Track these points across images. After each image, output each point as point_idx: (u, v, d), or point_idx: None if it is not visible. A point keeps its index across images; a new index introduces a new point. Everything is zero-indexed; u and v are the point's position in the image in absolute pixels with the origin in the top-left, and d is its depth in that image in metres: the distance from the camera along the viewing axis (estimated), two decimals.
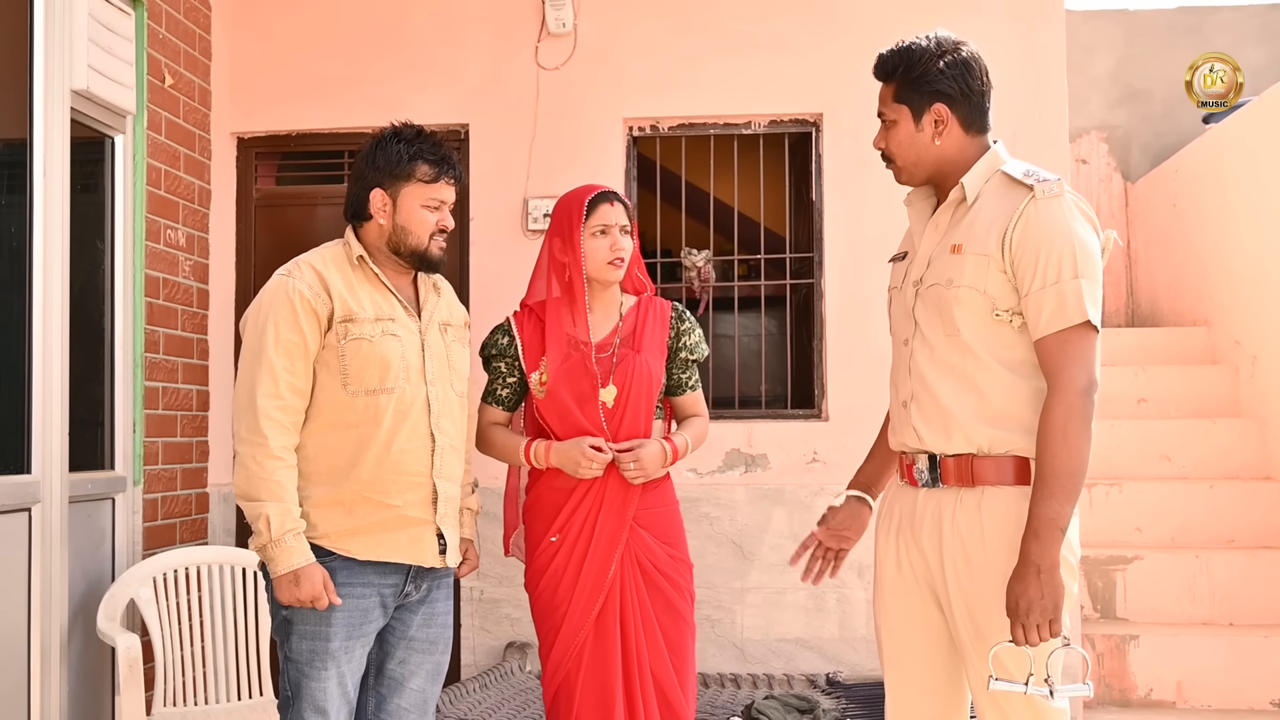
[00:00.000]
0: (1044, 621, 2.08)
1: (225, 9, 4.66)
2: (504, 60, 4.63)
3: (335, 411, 2.55)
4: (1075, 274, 2.15)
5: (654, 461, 2.86)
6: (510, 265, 4.57)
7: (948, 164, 2.33)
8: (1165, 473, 5.38)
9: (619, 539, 2.86)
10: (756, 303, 4.79)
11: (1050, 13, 4.47)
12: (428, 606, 2.68)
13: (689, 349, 3.01)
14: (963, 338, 2.23)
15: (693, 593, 2.98)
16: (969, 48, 2.35)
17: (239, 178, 4.74)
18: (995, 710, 2.22)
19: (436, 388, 2.63)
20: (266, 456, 2.47)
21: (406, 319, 2.64)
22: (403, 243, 2.63)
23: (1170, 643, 4.55)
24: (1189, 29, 7.55)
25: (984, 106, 2.35)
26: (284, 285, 2.56)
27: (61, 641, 3.44)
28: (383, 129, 2.68)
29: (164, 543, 4.14)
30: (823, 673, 4.31)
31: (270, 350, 2.51)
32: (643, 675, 2.84)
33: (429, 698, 2.69)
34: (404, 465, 2.57)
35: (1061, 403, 2.13)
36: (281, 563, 2.46)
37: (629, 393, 2.88)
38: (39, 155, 3.38)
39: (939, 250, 2.31)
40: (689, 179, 4.83)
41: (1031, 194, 2.21)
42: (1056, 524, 2.10)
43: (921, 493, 2.31)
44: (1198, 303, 6.39)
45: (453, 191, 2.68)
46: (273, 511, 2.46)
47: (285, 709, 2.57)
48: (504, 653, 4.44)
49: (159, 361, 4.13)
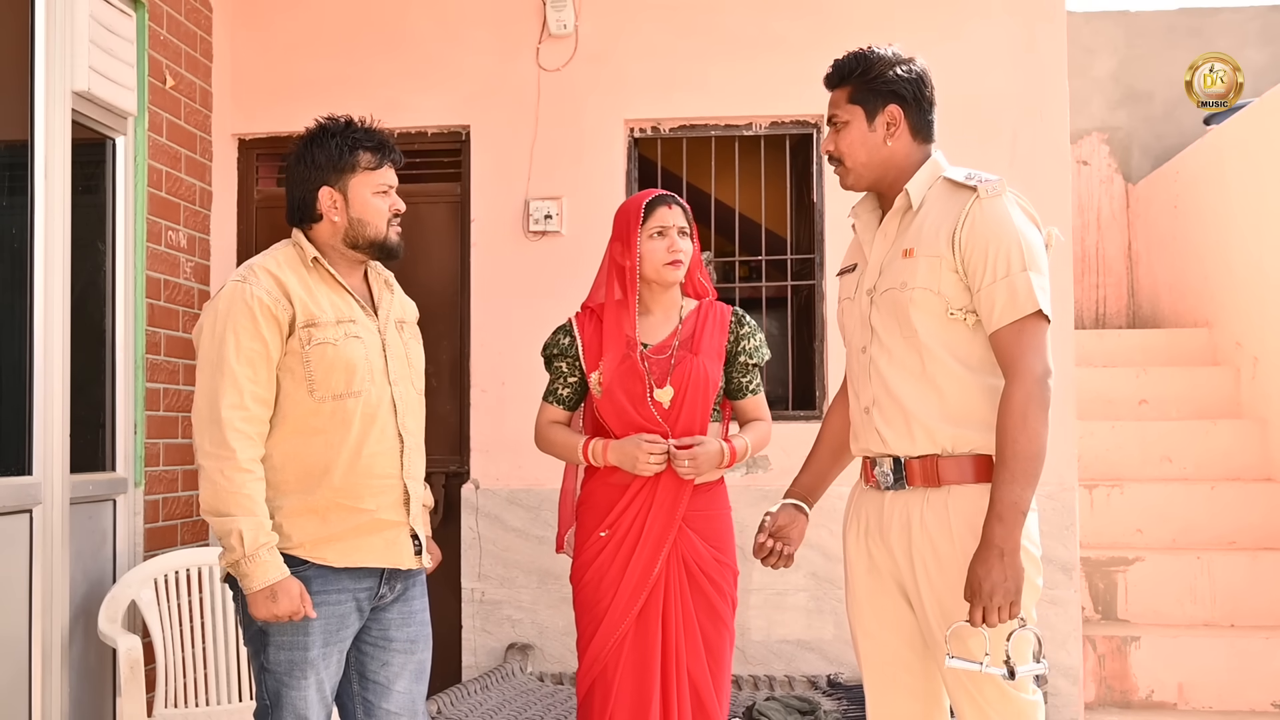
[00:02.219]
0: (1005, 604, 2.12)
1: (226, 10, 4.66)
2: (505, 62, 4.63)
3: (302, 418, 2.50)
4: (1023, 267, 2.22)
5: (710, 460, 2.88)
6: (511, 267, 4.57)
7: (894, 169, 2.39)
8: (1166, 474, 5.38)
9: (667, 537, 2.88)
10: (758, 304, 4.78)
11: (1051, 14, 4.47)
12: (403, 605, 2.64)
13: (748, 353, 3.03)
14: (920, 339, 2.29)
15: (735, 598, 2.98)
16: (923, 62, 2.43)
17: (240, 179, 4.74)
18: (971, 705, 2.25)
19: (400, 387, 2.60)
20: (235, 470, 2.40)
21: (366, 319, 2.59)
22: (361, 235, 2.58)
23: (1171, 644, 4.55)
24: (1190, 30, 7.55)
25: (931, 118, 2.43)
26: (241, 292, 2.47)
27: (63, 643, 3.44)
28: (308, 129, 2.62)
29: (165, 544, 4.14)
30: (823, 674, 4.31)
31: (231, 360, 2.43)
32: (679, 675, 2.86)
33: (416, 698, 2.66)
34: (375, 468, 2.53)
35: (1020, 389, 2.18)
36: (256, 578, 2.39)
37: (685, 394, 2.90)
38: (40, 157, 3.38)
39: (890, 256, 2.37)
40: (690, 180, 4.83)
41: (976, 194, 2.27)
42: (1018, 507, 2.15)
43: (888, 495, 2.35)
44: (1199, 304, 6.39)
45: (395, 175, 2.64)
46: (245, 526, 2.39)
47: (264, 717, 2.53)
48: (505, 654, 4.44)
49: (160, 363, 4.13)
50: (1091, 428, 5.38)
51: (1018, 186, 2.38)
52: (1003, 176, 2.33)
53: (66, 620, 3.47)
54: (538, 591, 4.49)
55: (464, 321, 4.64)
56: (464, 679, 4.39)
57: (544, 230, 4.55)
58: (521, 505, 4.53)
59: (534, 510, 4.50)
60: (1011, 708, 2.23)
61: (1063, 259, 4.34)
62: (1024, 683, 2.23)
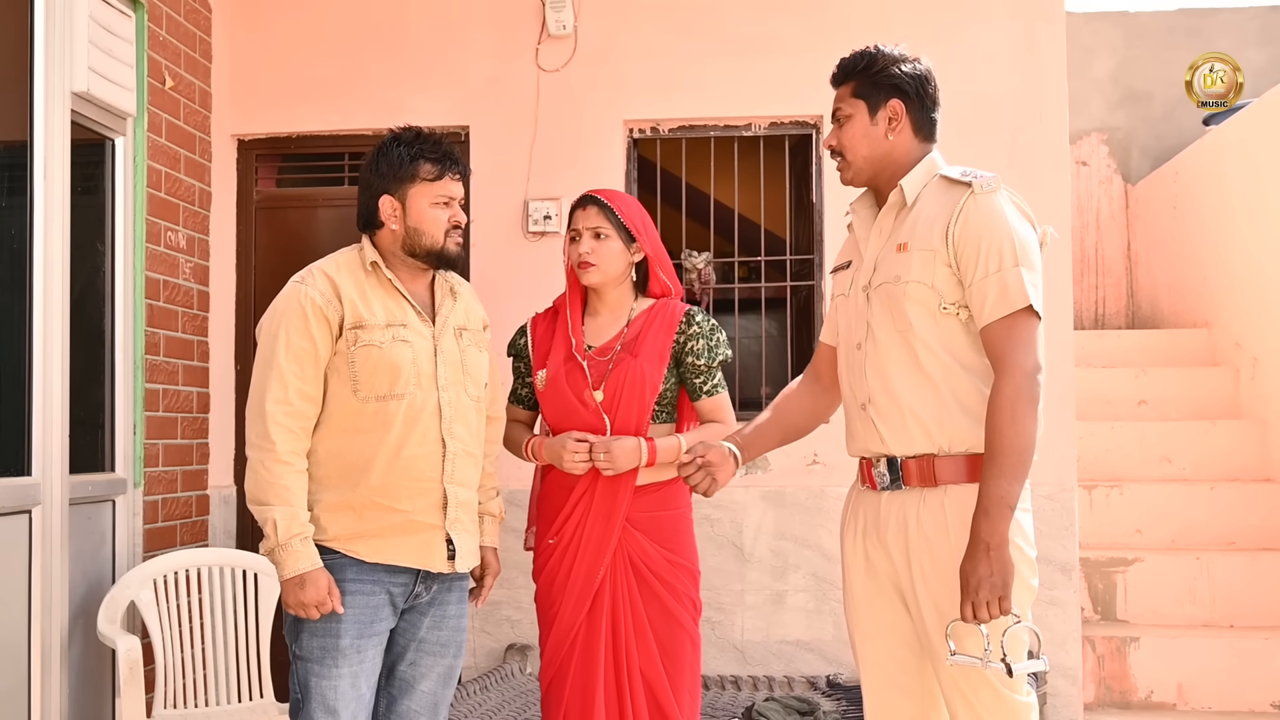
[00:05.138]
0: (993, 598, 2.13)
1: (225, 11, 4.66)
2: (504, 62, 4.63)
3: (346, 417, 2.57)
4: (1015, 262, 2.23)
5: (625, 456, 2.84)
6: (511, 267, 4.57)
7: (894, 164, 2.40)
8: (1166, 474, 5.39)
9: (608, 541, 2.88)
10: (757, 305, 4.79)
11: (1051, 15, 4.47)
12: (437, 609, 2.68)
13: (695, 354, 2.96)
14: (915, 333, 2.30)
15: (694, 599, 2.95)
16: (928, 62, 2.45)
17: (239, 180, 4.74)
18: (966, 707, 2.25)
19: (449, 393, 2.64)
20: (275, 461, 2.49)
21: (419, 324, 2.64)
22: (418, 244, 2.64)
23: (1171, 645, 4.55)
24: (1189, 31, 7.56)
25: (934, 116, 2.44)
26: (297, 293, 2.58)
27: (62, 643, 3.44)
28: (383, 136, 2.70)
29: (164, 545, 4.14)
30: (823, 674, 4.31)
31: (281, 357, 2.53)
32: (632, 676, 2.85)
33: (440, 701, 2.71)
34: (414, 471, 2.58)
35: (1010, 384, 2.19)
36: (288, 566, 2.48)
37: (620, 397, 2.89)
38: (39, 157, 3.38)
39: (885, 251, 2.38)
40: (689, 181, 4.83)
41: (970, 190, 2.29)
42: (1005, 501, 2.15)
43: (884, 496, 2.36)
44: (1198, 305, 6.39)
45: (459, 186, 2.70)
46: (280, 516, 2.47)
47: (296, 712, 2.57)
48: (504, 655, 4.45)
49: (159, 364, 4.13)
50: (1091, 428, 5.38)
51: (1017, 187, 2.39)
52: (999, 176, 2.34)
53: (66, 621, 3.46)
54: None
55: None
56: (464, 680, 4.39)
57: (543, 231, 4.55)
58: (521, 506, 4.50)
59: None
60: (1005, 709, 2.23)
61: (1062, 259, 4.34)
62: (1018, 684, 2.23)
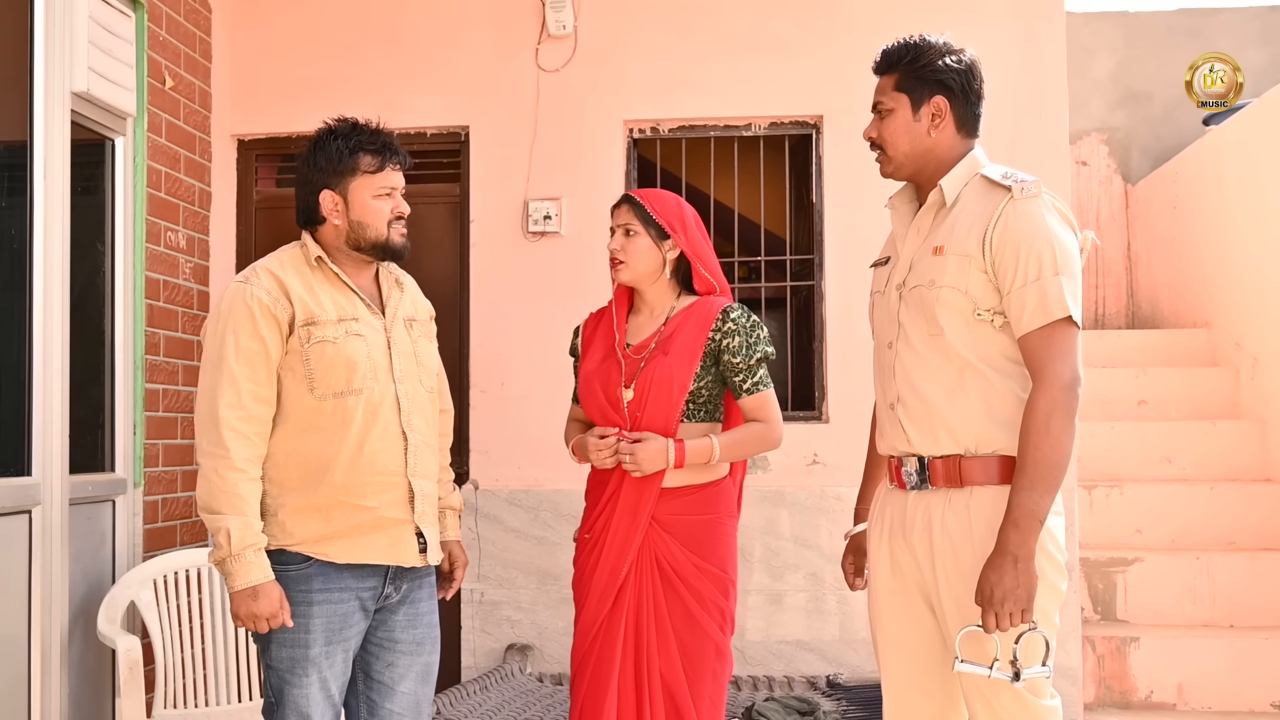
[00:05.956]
0: (1017, 610, 2.11)
1: (225, 11, 4.66)
2: (504, 62, 4.63)
3: (303, 416, 2.51)
4: (1055, 271, 2.19)
5: (650, 456, 2.81)
6: (511, 267, 4.58)
7: (935, 161, 2.36)
8: (1166, 474, 5.38)
9: (632, 540, 2.86)
10: (757, 305, 4.78)
11: (1050, 15, 4.47)
12: (409, 607, 2.64)
13: (731, 351, 2.92)
14: (946, 338, 2.26)
15: (724, 609, 2.88)
16: (973, 53, 2.39)
17: (239, 180, 4.74)
18: (987, 710, 2.23)
19: (405, 385, 2.60)
20: (229, 469, 2.42)
21: (370, 317, 2.59)
22: (362, 237, 2.58)
23: (1171, 645, 4.55)
24: (1189, 31, 7.56)
25: (978, 111, 2.39)
26: (242, 292, 2.50)
27: (62, 644, 3.44)
28: (318, 129, 2.63)
29: (164, 545, 4.14)
30: (823, 675, 4.31)
31: (230, 359, 2.46)
32: (651, 677, 2.84)
33: (421, 700, 2.67)
34: (377, 466, 2.54)
35: (1046, 396, 2.16)
36: (240, 578, 2.41)
37: (647, 396, 2.89)
38: (39, 157, 3.38)
39: (921, 253, 2.34)
40: (689, 181, 4.83)
41: (1010, 195, 2.24)
42: (1035, 515, 2.14)
43: (911, 495, 2.34)
44: (1198, 305, 6.39)
45: (400, 176, 2.63)
46: (233, 525, 2.41)
47: (270, 714, 2.55)
48: (504, 655, 4.44)
49: (159, 364, 4.13)
50: (1091, 428, 5.38)
51: None
52: (1041, 180, 2.28)
53: (66, 621, 3.46)
54: (537, 592, 4.49)
55: (463, 322, 4.63)
56: (463, 679, 4.39)
57: (543, 231, 4.55)
58: (521, 506, 4.53)
59: (533, 511, 4.50)
60: (1028, 713, 2.21)
61: None
62: (1041, 688, 2.21)
